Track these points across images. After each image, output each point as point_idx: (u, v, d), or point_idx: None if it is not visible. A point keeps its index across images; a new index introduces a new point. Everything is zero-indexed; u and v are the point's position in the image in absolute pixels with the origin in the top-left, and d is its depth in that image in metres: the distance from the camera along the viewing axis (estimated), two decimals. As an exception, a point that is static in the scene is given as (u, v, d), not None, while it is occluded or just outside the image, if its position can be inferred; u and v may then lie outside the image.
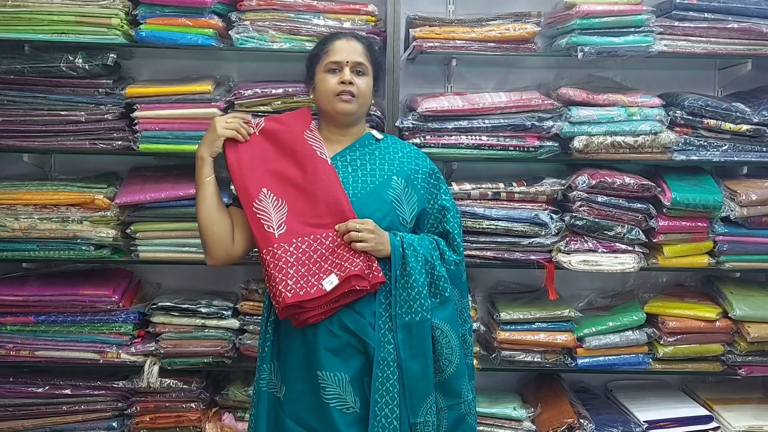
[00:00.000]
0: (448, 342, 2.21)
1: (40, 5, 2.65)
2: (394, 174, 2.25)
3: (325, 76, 2.25)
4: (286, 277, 2.05)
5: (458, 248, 2.30)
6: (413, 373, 2.13)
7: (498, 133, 2.80)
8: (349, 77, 2.22)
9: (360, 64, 2.25)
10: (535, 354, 2.88)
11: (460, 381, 2.24)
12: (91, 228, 2.75)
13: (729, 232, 2.86)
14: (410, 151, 2.34)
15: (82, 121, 2.74)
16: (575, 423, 2.79)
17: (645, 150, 2.82)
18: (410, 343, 2.13)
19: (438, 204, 2.30)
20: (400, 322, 2.12)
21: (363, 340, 2.11)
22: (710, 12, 2.80)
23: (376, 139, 2.34)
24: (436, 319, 2.19)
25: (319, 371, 2.10)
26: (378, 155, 2.29)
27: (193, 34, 2.70)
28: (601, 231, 2.80)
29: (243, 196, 2.20)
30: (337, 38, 2.30)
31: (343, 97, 2.22)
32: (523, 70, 3.12)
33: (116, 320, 2.81)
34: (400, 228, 2.22)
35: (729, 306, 2.89)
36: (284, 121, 2.31)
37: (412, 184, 2.26)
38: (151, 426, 2.86)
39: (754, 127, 2.82)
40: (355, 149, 2.29)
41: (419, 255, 2.17)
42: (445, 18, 2.88)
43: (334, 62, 2.24)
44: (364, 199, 2.19)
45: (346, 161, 2.26)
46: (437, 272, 2.20)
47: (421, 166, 2.31)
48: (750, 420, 2.90)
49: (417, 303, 2.14)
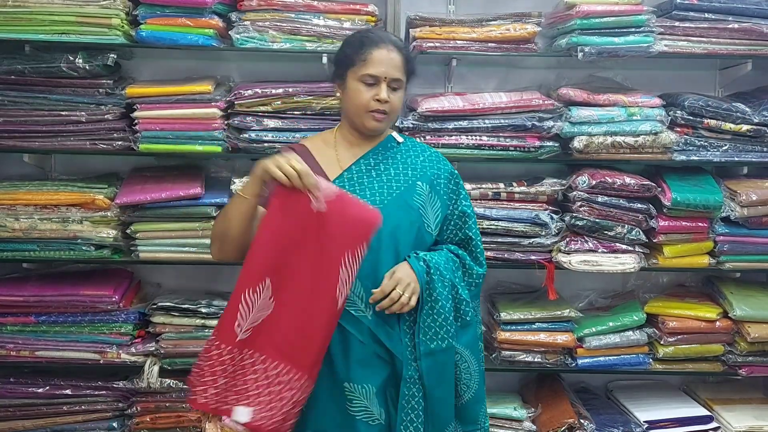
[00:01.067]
0: (467, 367, 2.14)
1: (41, 5, 2.65)
2: (418, 179, 2.15)
3: (359, 87, 2.10)
4: (211, 383, 1.88)
5: (481, 256, 2.22)
6: (437, 399, 2.08)
7: (498, 133, 2.80)
8: (385, 95, 2.08)
9: (397, 80, 2.11)
10: (536, 354, 2.88)
11: (477, 407, 2.18)
12: (91, 228, 2.75)
13: (729, 232, 2.85)
14: (431, 155, 2.25)
15: (82, 122, 2.74)
16: (576, 423, 2.79)
17: (645, 150, 2.82)
18: (436, 371, 2.07)
19: (458, 210, 2.21)
20: (424, 350, 2.05)
21: (390, 352, 2.05)
22: (711, 12, 2.80)
23: (397, 142, 2.24)
24: (457, 344, 2.12)
25: (347, 383, 2.03)
26: (400, 159, 2.19)
27: (194, 34, 2.70)
28: (601, 231, 2.80)
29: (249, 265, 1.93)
30: (376, 46, 2.10)
31: (376, 116, 2.10)
32: (524, 71, 3.12)
33: (116, 320, 2.82)
34: (425, 237, 2.13)
35: (729, 306, 2.89)
36: (342, 222, 1.90)
37: (435, 189, 2.17)
38: (152, 426, 2.86)
39: (755, 128, 2.82)
40: (378, 153, 2.19)
41: (446, 280, 2.08)
42: (446, 18, 2.88)
43: (371, 75, 2.08)
44: (390, 206, 2.08)
45: (370, 165, 2.16)
46: (460, 296, 2.12)
47: (443, 170, 2.22)
48: (750, 420, 2.90)
49: (443, 329, 2.07)
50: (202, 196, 2.76)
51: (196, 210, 2.77)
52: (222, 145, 2.76)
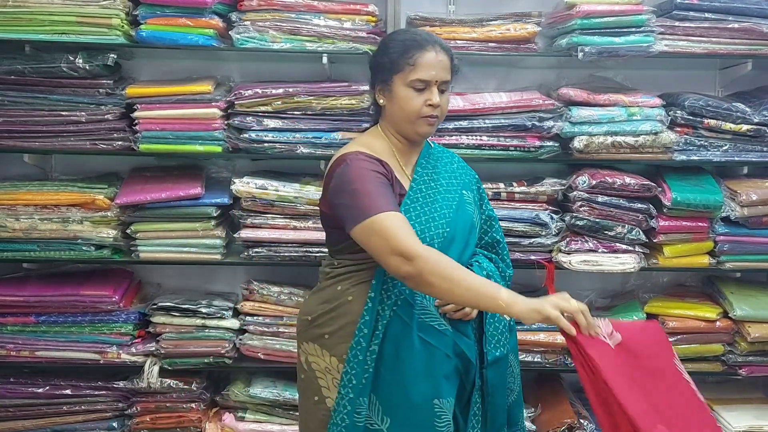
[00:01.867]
0: (512, 371, 2.15)
1: (41, 5, 2.65)
2: (462, 188, 2.13)
3: (409, 93, 2.01)
4: None
5: (508, 258, 2.23)
6: (497, 407, 2.09)
7: (498, 133, 2.80)
8: (437, 100, 2.01)
9: (447, 82, 2.05)
10: (535, 354, 2.88)
11: (518, 410, 2.19)
12: (91, 228, 2.75)
13: (729, 232, 2.85)
14: (459, 160, 2.23)
15: (82, 122, 2.74)
16: (575, 423, 2.79)
17: (645, 150, 2.82)
18: (498, 378, 2.08)
19: (485, 214, 2.20)
20: (491, 358, 2.06)
21: (468, 362, 2.04)
22: (711, 12, 2.80)
23: (430, 146, 2.19)
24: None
25: (436, 399, 1.97)
26: (441, 167, 2.14)
27: (194, 34, 2.69)
28: (601, 231, 2.80)
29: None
30: (424, 49, 2.02)
31: (429, 121, 2.03)
32: (524, 70, 3.12)
33: (117, 320, 2.82)
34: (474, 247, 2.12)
35: (729, 306, 2.89)
36: (641, 342, 1.88)
37: (473, 196, 2.16)
38: (152, 426, 2.86)
39: (755, 127, 2.82)
40: (427, 160, 2.13)
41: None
42: (446, 18, 2.88)
43: (422, 80, 2.00)
44: (456, 219, 2.05)
45: (428, 175, 2.09)
46: None
47: (471, 175, 2.22)
48: (750, 420, 2.90)
49: (504, 336, 2.09)
50: (202, 196, 2.77)
51: (196, 210, 2.77)
52: (222, 145, 2.76)
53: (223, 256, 2.83)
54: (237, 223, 2.80)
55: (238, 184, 2.75)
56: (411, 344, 1.98)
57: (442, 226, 2.02)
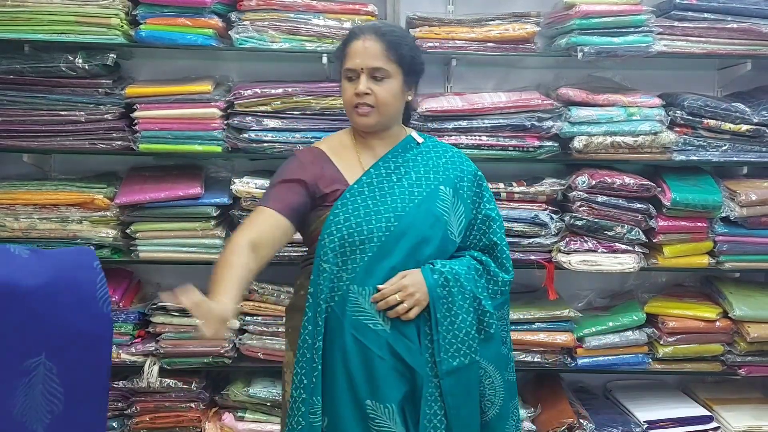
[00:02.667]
0: (491, 383, 2.04)
1: (40, 5, 2.65)
2: (440, 183, 2.04)
3: (344, 84, 2.04)
4: None
5: (507, 262, 2.10)
6: (460, 420, 1.96)
7: (498, 133, 2.80)
8: (363, 87, 1.99)
9: (378, 69, 2.00)
10: (535, 354, 2.88)
11: (502, 423, 2.07)
12: (90, 228, 2.75)
13: (729, 232, 2.85)
14: (453, 155, 2.13)
15: (81, 121, 2.73)
16: (575, 423, 2.79)
17: (645, 150, 2.82)
18: (458, 389, 1.96)
19: (482, 213, 2.09)
20: (446, 368, 1.93)
21: (411, 367, 1.94)
22: (710, 12, 2.80)
23: (417, 143, 2.13)
24: (481, 358, 2.01)
25: (369, 401, 1.92)
26: (421, 161, 2.08)
27: (193, 34, 2.70)
28: (600, 231, 2.80)
29: None
30: (354, 38, 2.03)
31: (359, 110, 2.02)
32: (523, 70, 3.12)
33: (116, 320, 2.81)
34: (448, 245, 2.03)
35: (729, 306, 2.89)
36: None
37: (458, 193, 2.05)
38: (151, 426, 2.86)
39: (754, 127, 2.82)
40: (397, 155, 2.08)
41: (467, 292, 1.98)
42: (445, 18, 2.88)
43: (349, 69, 2.02)
44: (413, 213, 1.98)
45: (390, 169, 2.05)
46: (483, 307, 2.01)
47: (466, 171, 2.11)
48: (749, 420, 2.90)
49: (466, 345, 1.96)
50: (201, 196, 2.77)
51: (196, 210, 2.77)
52: (222, 145, 2.76)
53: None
54: (237, 223, 2.80)
55: (238, 184, 2.75)
56: (344, 342, 1.94)
57: (388, 220, 1.96)
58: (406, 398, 1.95)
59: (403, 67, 2.05)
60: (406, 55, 2.05)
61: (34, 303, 1.47)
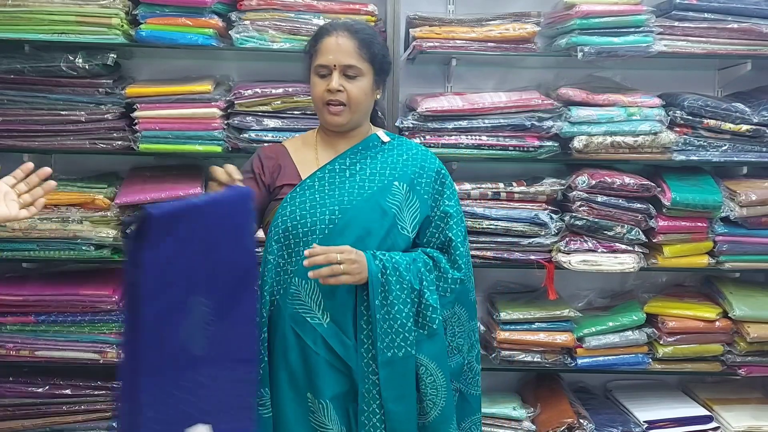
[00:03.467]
0: (433, 381, 1.97)
1: (40, 5, 2.65)
2: (395, 179, 2.03)
3: (315, 80, 2.03)
4: None
5: (460, 259, 2.04)
6: (396, 416, 1.92)
7: (498, 133, 2.80)
8: (336, 84, 1.98)
9: (351, 66, 1.99)
10: (535, 354, 2.88)
11: (445, 426, 1.99)
12: (91, 228, 2.75)
13: (729, 232, 2.86)
14: (416, 153, 2.11)
15: (82, 121, 2.74)
16: (575, 423, 2.79)
17: (645, 150, 2.82)
18: (393, 383, 1.91)
19: (440, 210, 2.06)
20: (381, 358, 1.90)
21: (347, 364, 1.94)
22: (710, 12, 2.80)
23: (382, 141, 2.11)
24: (421, 354, 1.95)
25: (309, 393, 1.95)
26: (380, 158, 2.07)
27: (193, 33, 2.70)
28: (600, 231, 2.80)
29: None
30: (326, 34, 2.03)
31: (331, 108, 2.01)
32: (523, 70, 3.12)
33: (116, 320, 2.81)
34: (399, 239, 2.00)
35: (729, 306, 2.89)
36: None
37: (414, 189, 2.03)
38: (151, 426, 2.86)
39: (754, 127, 2.82)
40: (356, 152, 2.08)
41: (405, 282, 1.93)
42: (445, 18, 2.88)
43: (321, 66, 2.01)
44: (359, 206, 1.98)
45: (345, 165, 2.05)
46: (425, 301, 1.96)
47: (428, 167, 2.08)
48: (749, 420, 2.90)
49: (400, 336, 1.91)
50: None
51: (196, 210, 2.77)
52: (222, 144, 2.76)
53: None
54: (236, 222, 2.80)
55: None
56: (284, 335, 1.96)
57: (332, 213, 1.97)
58: (348, 396, 1.96)
59: (374, 65, 2.05)
60: (378, 53, 2.05)
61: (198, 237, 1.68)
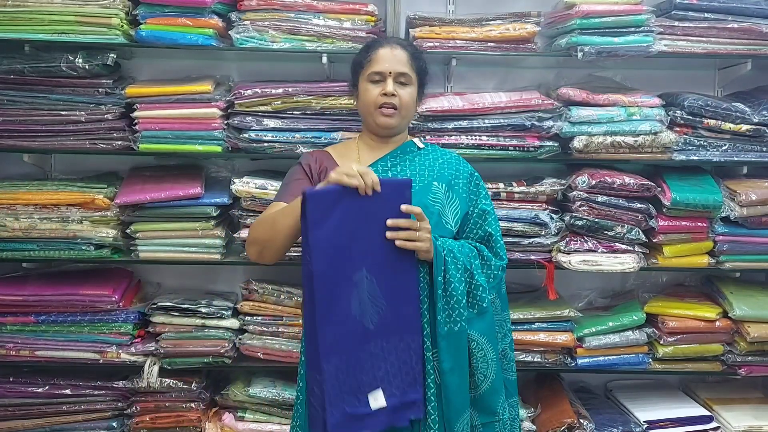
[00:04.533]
0: (483, 356, 2.12)
1: (40, 5, 2.65)
2: (434, 179, 2.21)
3: (368, 86, 2.21)
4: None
5: (501, 251, 2.25)
6: (451, 386, 2.05)
7: (498, 133, 2.80)
8: (391, 89, 2.18)
9: (403, 74, 2.20)
10: (535, 354, 2.88)
11: (495, 397, 2.15)
12: (91, 228, 2.75)
13: (729, 232, 2.86)
14: (450, 158, 2.32)
15: (82, 121, 2.74)
16: (575, 423, 2.79)
17: (645, 150, 2.82)
18: (450, 354, 2.05)
19: (479, 208, 2.26)
20: (440, 331, 2.04)
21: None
22: (710, 12, 2.80)
23: (418, 148, 2.31)
24: (473, 330, 2.11)
25: None
26: (418, 162, 2.26)
27: (193, 34, 2.70)
28: (601, 231, 2.80)
29: None
30: (380, 46, 2.24)
31: (384, 111, 2.19)
32: (523, 70, 3.12)
33: (116, 320, 2.82)
34: (444, 232, 2.16)
35: (729, 306, 2.89)
36: None
37: (453, 188, 2.22)
38: (151, 426, 2.86)
39: (754, 127, 2.82)
40: (396, 156, 2.27)
41: (459, 262, 2.10)
42: (445, 18, 2.88)
43: (376, 72, 2.20)
44: None
45: (387, 167, 2.24)
46: (475, 281, 2.13)
47: (462, 170, 2.28)
48: (750, 420, 2.90)
49: (456, 312, 2.06)
50: (201, 196, 2.77)
51: (196, 210, 2.77)
52: (222, 144, 2.76)
53: (222, 256, 2.82)
54: (237, 223, 2.80)
55: (238, 184, 2.75)
56: None
57: None
58: None
59: (420, 76, 2.28)
60: (423, 67, 2.29)
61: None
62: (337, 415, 1.87)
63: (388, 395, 1.94)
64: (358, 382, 1.91)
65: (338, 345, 1.88)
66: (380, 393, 1.93)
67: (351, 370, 1.90)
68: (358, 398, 1.91)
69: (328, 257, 1.86)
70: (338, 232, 1.87)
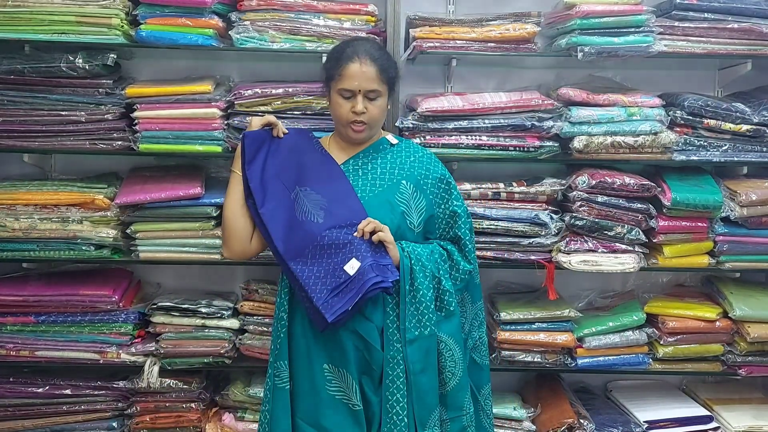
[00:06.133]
0: (451, 355, 2.25)
1: (40, 5, 2.65)
2: (403, 178, 2.27)
3: (338, 100, 2.26)
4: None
5: (470, 255, 2.33)
6: (422, 386, 2.17)
7: (498, 133, 2.80)
8: (361, 107, 2.23)
9: (373, 90, 2.24)
10: (535, 354, 2.88)
11: (461, 394, 2.28)
12: (91, 228, 2.75)
13: (729, 232, 2.86)
14: (422, 156, 2.36)
15: (82, 121, 2.74)
16: (575, 423, 2.79)
17: (645, 150, 2.82)
18: (419, 357, 2.17)
19: (449, 209, 2.32)
20: (409, 336, 2.16)
21: (368, 343, 2.16)
22: (710, 12, 2.80)
23: (391, 144, 2.37)
24: (441, 332, 2.23)
25: (327, 365, 2.18)
26: (389, 159, 2.32)
27: (193, 34, 2.70)
28: (601, 231, 2.80)
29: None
30: (351, 61, 2.23)
31: (354, 127, 2.25)
32: (523, 71, 3.12)
33: (116, 320, 2.82)
34: (407, 233, 2.25)
35: (729, 306, 2.89)
36: None
37: (420, 188, 2.28)
38: (151, 426, 2.86)
39: (754, 127, 2.82)
40: (368, 154, 2.34)
41: (427, 270, 2.20)
42: (445, 18, 2.88)
43: (346, 90, 2.23)
44: (371, 202, 2.23)
45: (357, 165, 2.31)
46: (443, 287, 2.24)
47: (432, 171, 2.33)
48: (750, 420, 2.90)
49: (425, 317, 2.18)
50: (202, 196, 2.76)
51: (196, 210, 2.77)
52: (222, 145, 2.76)
53: (222, 256, 2.82)
54: (236, 222, 2.80)
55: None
56: (303, 315, 2.21)
57: None
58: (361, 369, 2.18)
59: (390, 85, 2.30)
60: (393, 76, 2.32)
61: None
62: (323, 296, 2.06)
63: (361, 260, 2.10)
64: (332, 266, 2.10)
65: (297, 247, 2.15)
66: (354, 261, 2.09)
67: (318, 259, 2.12)
68: (336, 275, 2.09)
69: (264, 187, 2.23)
70: (267, 164, 2.27)
